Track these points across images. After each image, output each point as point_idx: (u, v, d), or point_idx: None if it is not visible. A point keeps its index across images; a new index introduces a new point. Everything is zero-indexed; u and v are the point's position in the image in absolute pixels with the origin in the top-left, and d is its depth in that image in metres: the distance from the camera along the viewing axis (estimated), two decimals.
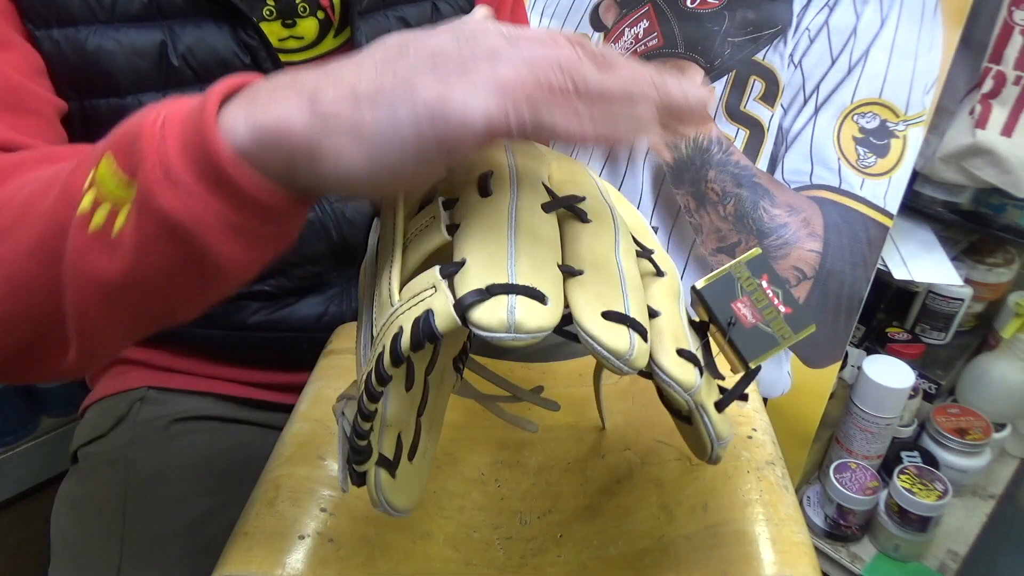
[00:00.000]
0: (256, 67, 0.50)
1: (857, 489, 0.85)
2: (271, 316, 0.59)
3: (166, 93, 0.47)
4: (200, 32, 0.48)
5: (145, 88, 0.48)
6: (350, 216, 0.58)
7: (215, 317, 0.59)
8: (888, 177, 0.76)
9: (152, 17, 0.46)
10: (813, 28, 0.81)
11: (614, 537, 0.45)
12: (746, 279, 0.36)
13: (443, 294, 0.29)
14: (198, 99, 0.28)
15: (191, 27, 0.47)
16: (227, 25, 0.48)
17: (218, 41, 0.48)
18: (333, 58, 0.55)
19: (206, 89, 0.32)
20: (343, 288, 0.61)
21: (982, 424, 0.91)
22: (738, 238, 0.84)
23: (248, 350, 0.61)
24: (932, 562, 0.86)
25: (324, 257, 0.59)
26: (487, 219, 0.31)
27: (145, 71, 0.47)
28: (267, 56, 0.50)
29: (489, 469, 0.52)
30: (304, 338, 0.60)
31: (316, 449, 0.48)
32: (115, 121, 0.34)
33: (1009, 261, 0.99)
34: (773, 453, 0.46)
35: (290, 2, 0.52)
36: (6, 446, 1.04)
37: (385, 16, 0.55)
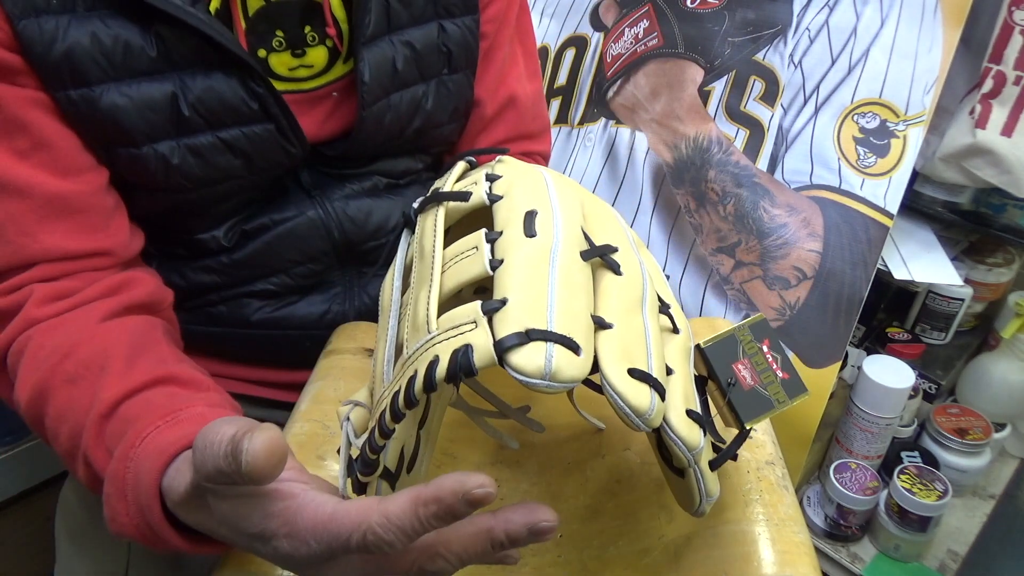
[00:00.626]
0: (264, 112, 0.50)
1: (857, 489, 0.85)
2: (273, 314, 0.59)
3: (179, 141, 0.49)
4: (209, 82, 0.48)
5: (159, 138, 0.48)
6: (352, 215, 0.59)
7: (218, 316, 0.59)
8: (888, 177, 0.76)
9: (162, 70, 0.47)
10: (813, 28, 0.81)
11: (614, 537, 0.45)
12: (748, 342, 0.38)
13: (484, 331, 0.29)
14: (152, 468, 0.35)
15: (201, 77, 0.48)
16: (235, 74, 0.49)
17: (227, 90, 0.49)
18: (343, 84, 0.55)
19: (217, 134, 0.48)
20: (346, 287, 0.61)
21: (982, 424, 0.91)
22: (738, 238, 0.84)
23: (251, 348, 0.61)
24: (932, 562, 0.86)
25: (326, 256, 0.59)
26: (530, 261, 0.32)
27: (158, 122, 0.48)
28: (274, 102, 0.50)
29: (489, 469, 0.52)
30: (307, 336, 0.60)
31: (316, 449, 0.48)
32: (135, 167, 0.48)
33: (1009, 261, 0.99)
34: (773, 453, 0.46)
35: (299, 32, 0.52)
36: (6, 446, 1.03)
37: (390, 42, 0.55)
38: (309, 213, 0.57)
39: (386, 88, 0.56)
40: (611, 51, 0.94)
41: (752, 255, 0.83)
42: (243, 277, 0.58)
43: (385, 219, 0.60)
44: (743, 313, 0.87)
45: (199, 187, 0.52)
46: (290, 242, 0.57)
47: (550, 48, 1.02)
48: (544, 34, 1.02)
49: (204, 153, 0.50)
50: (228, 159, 0.51)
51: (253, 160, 0.52)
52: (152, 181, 0.50)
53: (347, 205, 0.58)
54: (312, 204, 0.57)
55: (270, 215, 0.56)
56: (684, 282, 0.90)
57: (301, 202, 0.57)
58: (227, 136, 0.50)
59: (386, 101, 0.56)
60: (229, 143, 0.50)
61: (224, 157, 0.51)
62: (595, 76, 0.96)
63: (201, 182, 0.51)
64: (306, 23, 0.52)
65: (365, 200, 0.60)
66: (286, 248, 0.57)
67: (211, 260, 0.57)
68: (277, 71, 0.53)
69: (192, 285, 0.57)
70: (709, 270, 0.88)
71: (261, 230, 0.57)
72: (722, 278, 0.87)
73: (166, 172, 0.49)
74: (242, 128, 0.50)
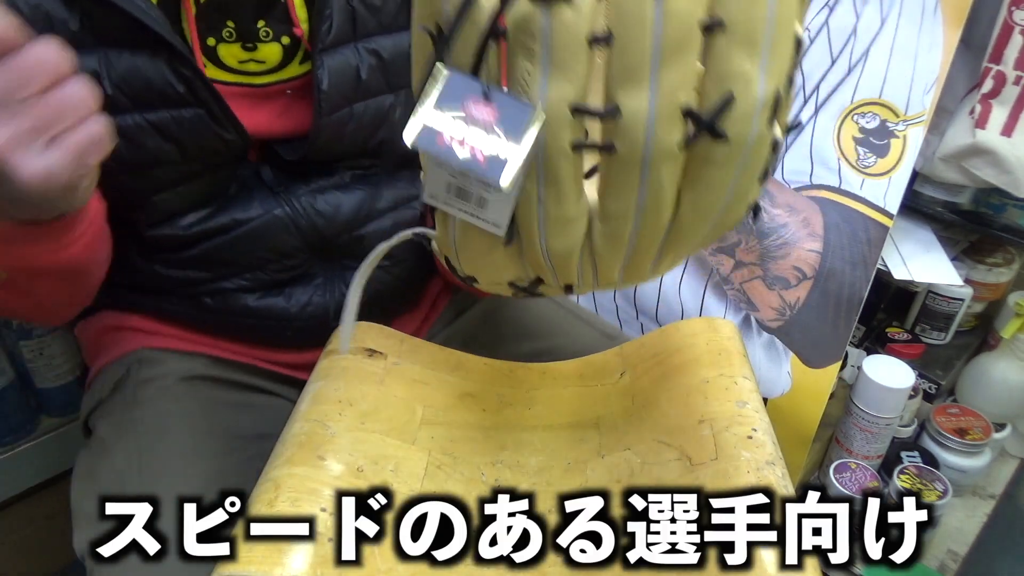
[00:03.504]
0: (193, 96, 0.49)
1: (857, 489, 0.85)
2: (255, 303, 0.59)
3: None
4: (134, 60, 0.47)
5: None
6: (321, 210, 0.58)
7: (207, 306, 0.59)
8: (888, 177, 0.76)
9: (85, 44, 0.46)
10: (813, 28, 0.81)
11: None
12: None
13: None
14: None
15: (126, 55, 0.47)
16: (163, 56, 0.48)
17: (151, 71, 0.48)
18: (298, 84, 0.54)
19: (145, 116, 0.47)
20: (327, 280, 0.61)
21: (982, 424, 0.91)
22: (738, 238, 0.84)
23: (235, 330, 0.61)
24: (932, 562, 0.86)
25: (300, 252, 0.59)
26: None
27: None
28: (202, 85, 0.49)
29: (489, 469, 0.52)
30: (288, 326, 0.60)
31: (316, 449, 0.48)
32: None
33: (1009, 261, 0.99)
34: (773, 453, 0.46)
35: (251, 26, 0.51)
36: (6, 446, 1.03)
37: (355, 49, 0.54)
38: (276, 211, 0.56)
39: (347, 97, 0.54)
40: None
41: (752, 255, 0.83)
42: (216, 273, 0.58)
43: (356, 210, 0.59)
44: (743, 313, 0.87)
45: (129, 171, 0.51)
46: (259, 241, 0.57)
47: None
48: None
49: (131, 135, 0.49)
50: (157, 142, 0.50)
51: (185, 146, 0.51)
52: None
53: (315, 200, 0.57)
54: (278, 202, 0.56)
55: (233, 214, 0.56)
56: (684, 282, 0.90)
57: (265, 200, 0.56)
58: (154, 118, 0.49)
59: (348, 110, 0.55)
60: (157, 125, 0.49)
61: (153, 140, 0.50)
62: None
63: (130, 165, 0.50)
64: (260, 17, 0.51)
65: (333, 193, 0.58)
66: (255, 247, 0.57)
67: (173, 255, 0.57)
68: (226, 62, 0.52)
69: (175, 278, 0.58)
70: (709, 270, 0.88)
71: (225, 229, 0.56)
72: (722, 278, 0.87)
73: None
74: (170, 111, 0.49)
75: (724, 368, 0.52)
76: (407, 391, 0.56)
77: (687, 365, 0.54)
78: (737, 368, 0.52)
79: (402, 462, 0.50)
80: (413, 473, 0.49)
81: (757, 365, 0.86)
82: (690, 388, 0.51)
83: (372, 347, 0.58)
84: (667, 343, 0.57)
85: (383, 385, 0.55)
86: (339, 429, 0.50)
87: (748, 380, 0.52)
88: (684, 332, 0.57)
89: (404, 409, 0.54)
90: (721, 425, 0.47)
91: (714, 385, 0.51)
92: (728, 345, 0.55)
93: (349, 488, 0.46)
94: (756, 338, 0.86)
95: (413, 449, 0.51)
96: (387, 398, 0.54)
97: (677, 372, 0.53)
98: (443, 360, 0.61)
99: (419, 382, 0.57)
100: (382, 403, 0.53)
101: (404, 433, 0.52)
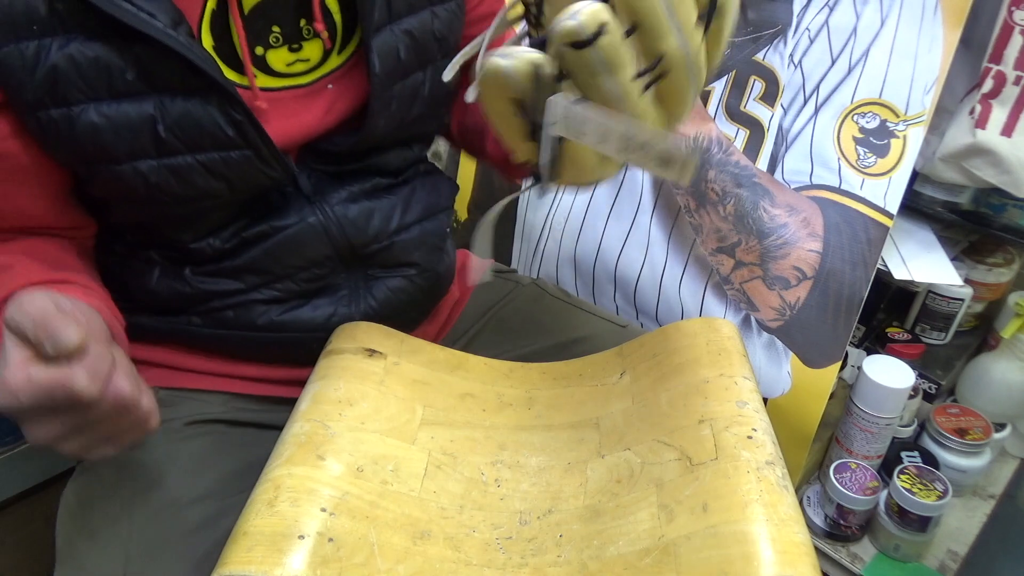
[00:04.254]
0: (242, 139, 0.50)
1: (857, 489, 0.85)
2: (279, 318, 0.59)
3: (159, 161, 0.49)
4: (187, 106, 0.48)
5: (138, 157, 0.49)
6: (353, 219, 0.59)
7: (225, 320, 0.59)
8: (888, 177, 0.76)
9: (141, 91, 0.47)
10: (813, 28, 0.81)
11: (614, 537, 0.45)
12: None
13: None
14: None
15: (180, 100, 0.48)
16: (214, 100, 0.49)
17: (204, 116, 0.49)
18: (337, 76, 0.55)
19: (195, 156, 0.50)
20: (352, 291, 0.61)
21: (982, 424, 0.91)
22: (738, 238, 0.84)
23: (257, 348, 0.61)
24: (932, 562, 0.86)
25: (329, 260, 0.59)
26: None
27: (136, 142, 0.48)
28: (252, 129, 0.50)
29: (489, 469, 0.52)
30: (313, 338, 0.60)
31: (316, 449, 0.48)
32: (115, 184, 0.50)
33: (1009, 261, 0.99)
34: (773, 453, 0.46)
35: (295, 27, 0.52)
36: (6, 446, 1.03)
37: (391, 31, 0.55)
38: (310, 219, 0.57)
39: (392, 78, 0.56)
40: None
41: (752, 255, 0.83)
42: (247, 284, 0.58)
43: (386, 220, 0.60)
44: (743, 313, 0.87)
45: (181, 203, 0.52)
46: (292, 248, 0.57)
47: None
48: None
49: (183, 174, 0.50)
50: (207, 180, 0.51)
51: (233, 183, 0.52)
52: (133, 195, 0.51)
53: (347, 209, 0.58)
54: (312, 210, 0.57)
55: (269, 222, 0.56)
56: (684, 282, 0.90)
57: (301, 208, 0.57)
58: (205, 159, 0.50)
59: (391, 91, 0.56)
60: (208, 166, 0.51)
61: (203, 179, 0.51)
62: None
63: (182, 199, 0.52)
64: (301, 16, 0.52)
65: (365, 203, 0.59)
66: (288, 254, 0.57)
67: (212, 266, 0.57)
68: (275, 68, 0.53)
69: (197, 292, 0.58)
70: (709, 270, 0.88)
71: (261, 237, 0.57)
72: (722, 278, 0.87)
73: (146, 188, 0.50)
74: (220, 153, 0.50)
75: (724, 368, 0.52)
76: (407, 391, 0.56)
77: (687, 365, 0.54)
78: (737, 368, 0.52)
79: (402, 462, 0.50)
80: (413, 473, 0.49)
81: (757, 365, 0.86)
82: (690, 388, 0.52)
83: (372, 347, 0.58)
84: (667, 343, 0.57)
85: (383, 385, 0.55)
86: (339, 429, 0.50)
87: (748, 380, 0.52)
88: (684, 332, 0.57)
89: (404, 409, 0.54)
90: (721, 425, 0.47)
91: (714, 385, 0.51)
92: (728, 345, 0.55)
93: (349, 488, 0.46)
94: (756, 338, 0.86)
95: (413, 449, 0.51)
96: (387, 398, 0.54)
97: (677, 372, 0.53)
98: (443, 360, 0.61)
99: (419, 382, 0.57)
100: (382, 403, 0.53)
101: (404, 433, 0.52)
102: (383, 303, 0.62)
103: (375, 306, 0.62)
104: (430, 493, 0.48)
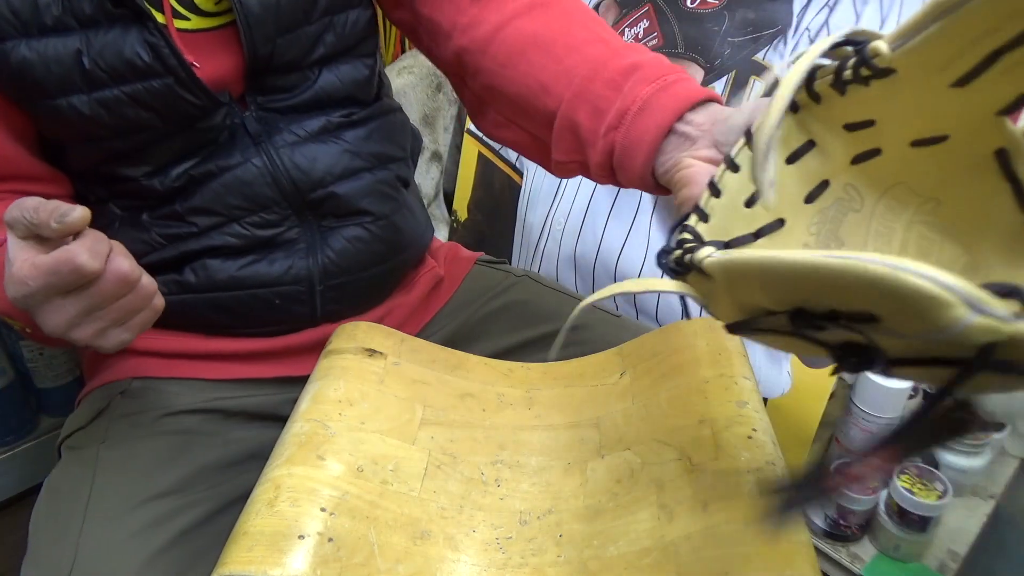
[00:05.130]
0: (160, 64, 0.52)
1: (857, 489, 0.85)
2: (238, 273, 0.60)
3: (89, 95, 0.51)
4: (109, 36, 0.50)
5: (70, 92, 0.51)
6: (298, 162, 0.59)
7: (187, 284, 0.60)
8: None
9: (68, 26, 0.50)
10: (813, 28, 0.81)
11: (614, 537, 0.45)
12: None
13: None
14: None
15: (103, 32, 0.50)
16: (134, 27, 0.51)
17: (124, 45, 0.51)
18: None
19: (121, 88, 0.51)
20: (308, 243, 0.61)
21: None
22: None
23: (224, 311, 0.61)
24: (932, 562, 0.86)
25: (277, 205, 0.59)
26: None
27: (66, 77, 0.51)
28: (170, 53, 0.51)
29: (489, 469, 0.52)
30: (275, 293, 0.61)
31: (316, 449, 0.48)
32: (54, 119, 0.52)
33: None
34: (773, 453, 0.46)
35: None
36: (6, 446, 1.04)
37: None
38: (254, 160, 0.58)
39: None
40: None
41: None
42: (200, 226, 0.59)
43: (331, 165, 0.61)
44: None
45: (117, 136, 0.54)
46: (237, 189, 0.58)
47: None
48: None
49: (112, 106, 0.52)
50: (137, 112, 0.53)
51: (162, 113, 0.54)
52: (72, 131, 0.53)
53: (293, 152, 0.59)
54: (257, 152, 0.58)
55: (215, 161, 0.57)
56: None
57: (246, 149, 0.58)
58: (130, 90, 0.52)
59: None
60: (134, 96, 0.52)
61: (132, 110, 0.53)
62: None
63: (117, 131, 0.54)
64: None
65: (310, 146, 0.60)
66: (233, 195, 0.58)
67: (166, 208, 0.58)
68: (204, 7, 0.54)
69: (155, 241, 0.59)
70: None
71: (208, 176, 0.58)
72: None
73: (82, 123, 0.52)
74: (142, 83, 0.52)
75: (724, 368, 0.52)
76: (407, 391, 0.56)
77: (687, 365, 0.54)
78: (737, 368, 0.52)
79: (402, 462, 0.50)
80: (413, 473, 0.49)
81: (757, 365, 0.86)
82: (690, 388, 0.52)
83: (372, 347, 0.58)
84: (667, 343, 0.57)
85: (383, 385, 0.55)
86: (339, 429, 0.50)
87: (748, 380, 0.52)
88: (684, 332, 0.57)
89: (404, 409, 0.54)
90: (721, 425, 0.47)
91: (714, 385, 0.51)
92: (728, 345, 0.55)
93: (349, 488, 0.46)
94: None
95: (413, 449, 0.51)
96: (387, 398, 0.54)
97: (677, 372, 0.54)
98: (443, 360, 0.61)
99: (419, 382, 0.57)
100: (382, 403, 0.53)
101: (404, 433, 0.52)
102: (341, 254, 0.62)
103: (333, 257, 0.62)
104: (430, 493, 0.48)
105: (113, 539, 0.51)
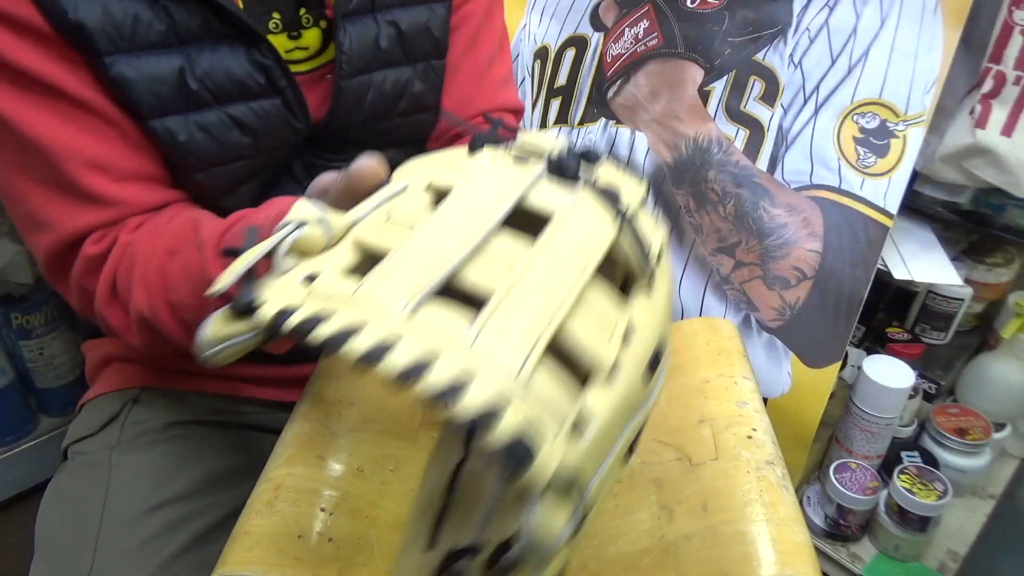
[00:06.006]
0: (271, 86, 0.50)
1: (857, 489, 0.85)
2: None
3: (187, 117, 0.49)
4: (216, 55, 0.49)
5: (167, 112, 0.49)
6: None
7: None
8: (888, 177, 0.76)
9: (171, 44, 0.47)
10: (813, 28, 0.81)
11: (614, 537, 0.45)
12: None
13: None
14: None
15: (208, 51, 0.48)
16: (241, 46, 0.49)
17: (233, 63, 0.49)
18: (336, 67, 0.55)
19: (225, 110, 0.49)
20: None
21: (982, 424, 0.91)
22: (738, 238, 0.84)
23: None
24: (932, 562, 0.86)
25: None
26: None
27: (166, 96, 0.48)
28: (281, 74, 0.50)
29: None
30: None
31: (316, 449, 0.48)
32: (153, 143, 0.50)
33: (1009, 261, 0.99)
34: (773, 453, 0.46)
35: (294, 14, 0.53)
36: (6, 446, 1.04)
37: (374, 19, 0.55)
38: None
39: (368, 63, 0.55)
40: (611, 51, 0.94)
41: (752, 255, 0.83)
42: None
43: None
44: (743, 313, 0.87)
45: (207, 166, 0.52)
46: None
47: (550, 48, 1.02)
48: (544, 34, 1.02)
49: (212, 129, 0.50)
50: (236, 136, 0.51)
51: (260, 138, 0.52)
52: (167, 157, 0.51)
53: None
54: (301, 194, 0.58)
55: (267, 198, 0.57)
56: (684, 282, 0.90)
57: (293, 193, 0.58)
58: (235, 112, 0.50)
59: (367, 77, 0.56)
60: (237, 119, 0.51)
61: (232, 134, 0.51)
62: (595, 76, 0.96)
63: (209, 160, 0.51)
64: (301, 5, 0.53)
65: None
66: None
67: None
68: (307, 43, 0.54)
69: None
70: (709, 270, 0.88)
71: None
72: (722, 278, 0.87)
73: (174, 148, 0.50)
74: (249, 103, 0.51)
75: (724, 368, 0.52)
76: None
77: (687, 365, 0.54)
78: (737, 368, 0.52)
79: (402, 462, 0.50)
80: (413, 473, 0.49)
81: (757, 365, 0.86)
82: (690, 388, 0.51)
83: None
84: None
85: (383, 385, 0.55)
86: (339, 429, 0.50)
87: (748, 380, 0.52)
88: (684, 332, 0.57)
89: (404, 409, 0.54)
90: (721, 425, 0.47)
91: (714, 385, 0.51)
92: (728, 345, 0.55)
93: (349, 488, 0.46)
94: (756, 338, 0.86)
95: (413, 449, 0.51)
96: (387, 398, 0.54)
97: (677, 372, 0.53)
98: None
99: None
100: (382, 403, 0.53)
101: (404, 433, 0.52)
102: None
103: None
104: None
105: (130, 544, 0.51)
